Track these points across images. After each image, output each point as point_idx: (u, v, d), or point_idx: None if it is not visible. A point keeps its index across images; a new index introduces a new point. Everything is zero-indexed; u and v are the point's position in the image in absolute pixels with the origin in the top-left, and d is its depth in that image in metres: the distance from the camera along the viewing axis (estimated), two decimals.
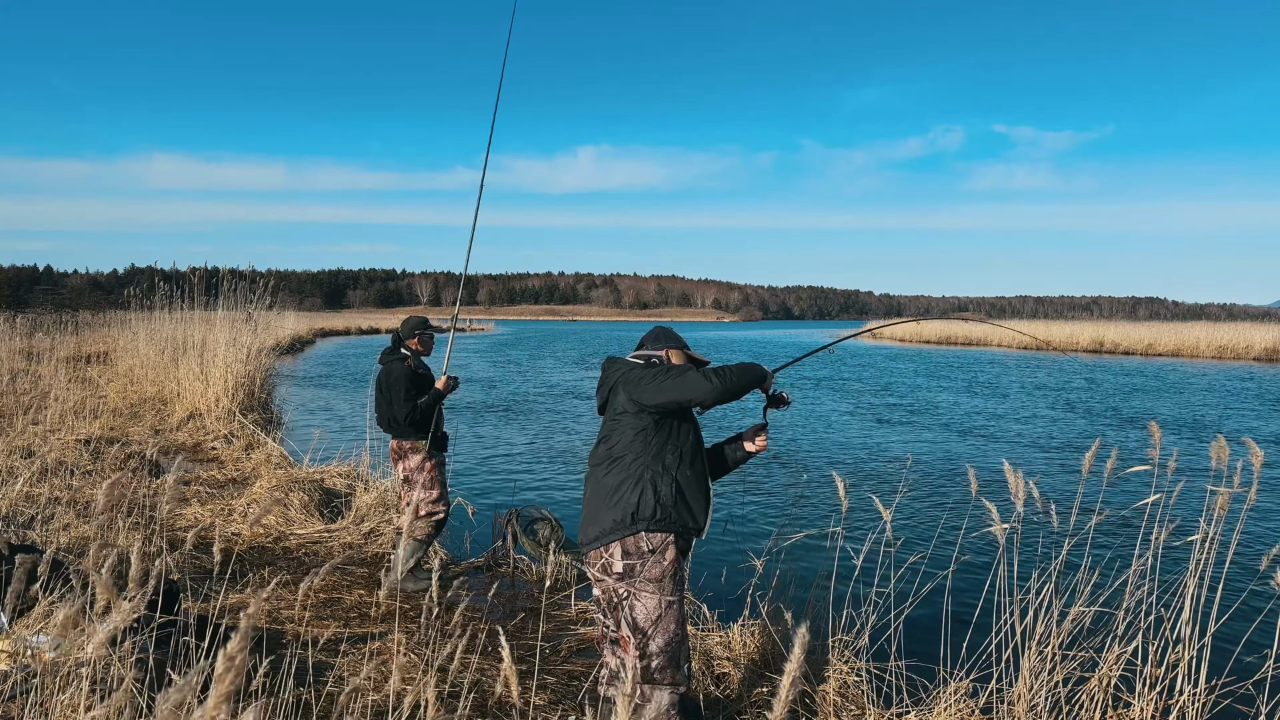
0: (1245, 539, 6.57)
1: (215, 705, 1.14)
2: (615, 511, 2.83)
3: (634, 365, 3.00)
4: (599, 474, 2.94)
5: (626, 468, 2.87)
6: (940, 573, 4.05)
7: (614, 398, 2.98)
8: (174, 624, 3.00)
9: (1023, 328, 47.05)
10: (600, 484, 2.92)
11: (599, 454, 2.98)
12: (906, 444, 12.30)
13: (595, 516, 2.90)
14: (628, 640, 2.82)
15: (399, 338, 5.23)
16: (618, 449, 2.91)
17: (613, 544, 2.83)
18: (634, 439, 2.89)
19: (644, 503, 2.82)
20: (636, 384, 2.88)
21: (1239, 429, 13.86)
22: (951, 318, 61.13)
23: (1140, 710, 3.16)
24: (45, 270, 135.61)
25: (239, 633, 1.17)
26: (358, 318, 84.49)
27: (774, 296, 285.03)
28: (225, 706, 1.14)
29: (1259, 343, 34.61)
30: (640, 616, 2.80)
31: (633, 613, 2.81)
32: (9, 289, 76.21)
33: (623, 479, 2.86)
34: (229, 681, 1.13)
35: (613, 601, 2.86)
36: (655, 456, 2.87)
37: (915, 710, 3.39)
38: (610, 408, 3.00)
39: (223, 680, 1.13)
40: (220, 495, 7.12)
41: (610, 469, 2.90)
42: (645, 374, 2.90)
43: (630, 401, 2.89)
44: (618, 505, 2.83)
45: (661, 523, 2.82)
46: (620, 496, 2.84)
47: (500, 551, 5.87)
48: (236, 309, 12.88)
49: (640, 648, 2.80)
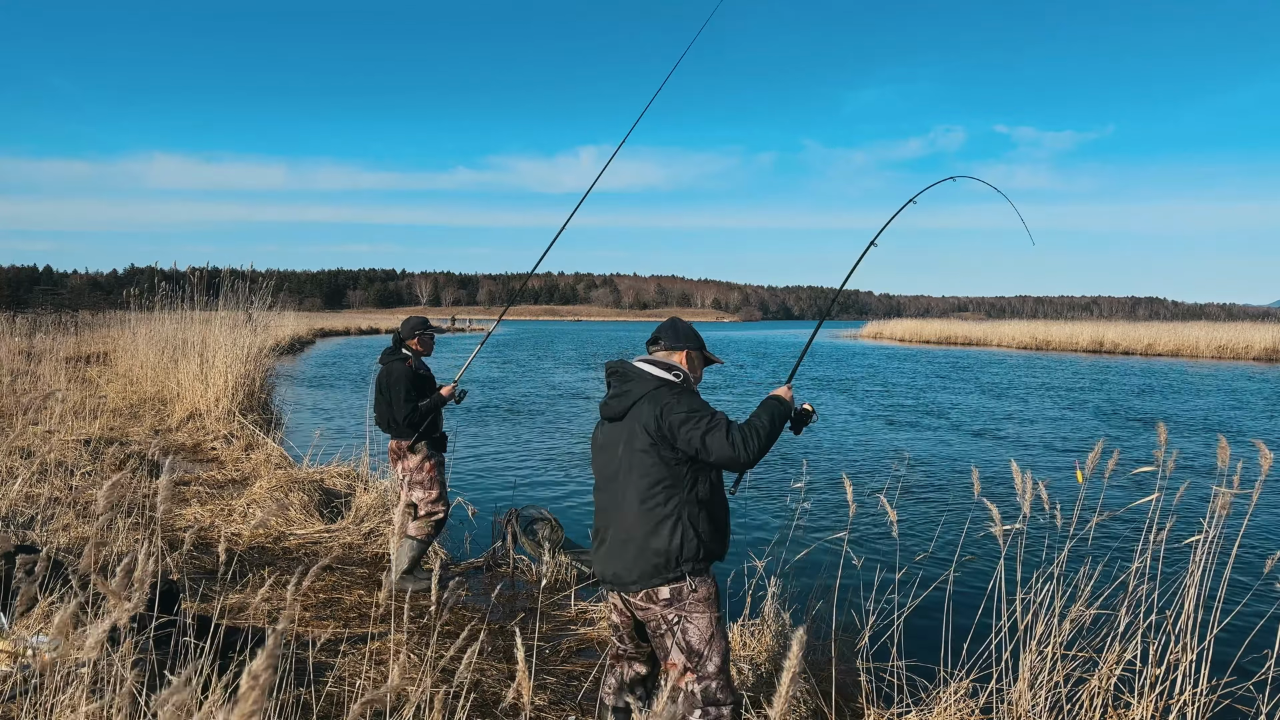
0: (1248, 539, 6.57)
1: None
2: (657, 558, 2.71)
3: (669, 392, 2.80)
4: (632, 501, 2.75)
5: (664, 504, 2.73)
6: (942, 573, 4.05)
7: (639, 418, 2.77)
8: (173, 624, 3.00)
9: (1021, 327, 47.06)
10: (635, 517, 2.74)
11: (633, 484, 2.76)
12: (908, 444, 12.29)
13: (636, 556, 2.74)
14: (676, 665, 2.73)
15: (400, 338, 5.23)
16: (652, 479, 2.74)
17: (658, 586, 2.74)
18: (669, 472, 2.74)
19: (686, 545, 2.71)
20: (680, 428, 2.70)
21: (1253, 430, 13.86)
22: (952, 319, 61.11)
23: (1141, 710, 3.15)
24: (45, 270, 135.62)
25: (265, 650, 1.10)
26: (357, 318, 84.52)
27: (774, 296, 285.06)
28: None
29: (1259, 343, 34.62)
30: (694, 639, 2.72)
31: (685, 636, 2.72)
32: (9, 289, 76.26)
33: (661, 518, 2.72)
34: (253, 700, 1.06)
35: (659, 629, 2.75)
36: (690, 490, 2.75)
37: (915, 710, 3.39)
38: (632, 426, 2.79)
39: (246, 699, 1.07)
40: (220, 495, 7.11)
41: (646, 502, 2.74)
42: (690, 420, 2.70)
43: (669, 432, 2.73)
44: (659, 551, 2.71)
45: (703, 561, 2.76)
46: (660, 538, 2.71)
47: (500, 552, 5.87)
48: (238, 309, 12.88)
49: (698, 670, 2.72)
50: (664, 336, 3.01)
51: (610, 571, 2.81)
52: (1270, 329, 37.97)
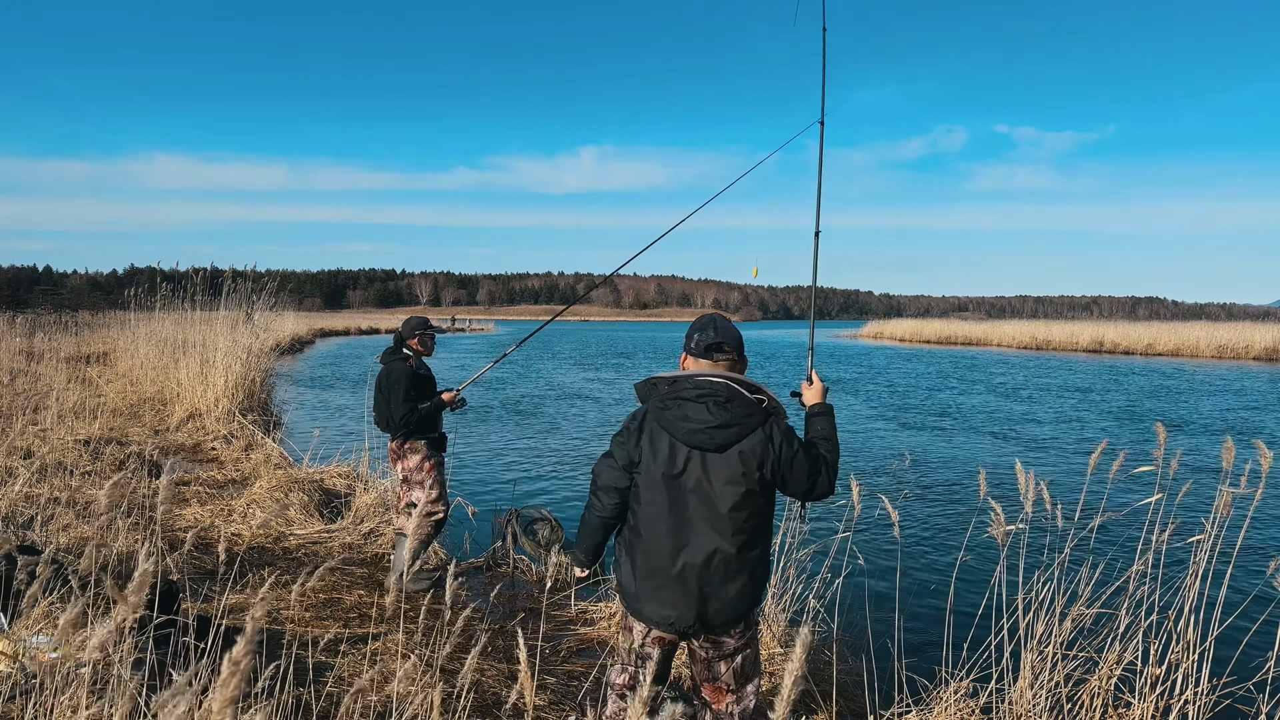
0: (1250, 540, 6.57)
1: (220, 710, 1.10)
2: (750, 598, 2.58)
3: (778, 425, 2.54)
4: (725, 538, 2.48)
5: (759, 540, 2.57)
6: (942, 573, 4.05)
7: (746, 451, 2.48)
8: (173, 624, 3.00)
9: (1021, 327, 47.04)
10: (733, 557, 2.50)
11: (728, 519, 2.48)
12: (909, 444, 12.29)
13: (737, 598, 2.54)
14: (722, 689, 2.65)
15: (400, 338, 5.24)
16: (748, 514, 2.50)
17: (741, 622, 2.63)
18: (764, 506, 2.55)
19: (767, 579, 2.69)
20: (792, 463, 2.52)
21: (1257, 430, 13.85)
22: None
23: (1141, 710, 3.15)
24: (45, 270, 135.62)
25: (244, 637, 1.13)
26: (357, 318, 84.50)
27: (774, 296, 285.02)
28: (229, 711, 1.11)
29: (1259, 343, 34.62)
30: (749, 665, 2.67)
31: (743, 663, 2.66)
32: (9, 289, 76.22)
33: (757, 555, 2.57)
34: (234, 686, 1.09)
35: (710, 656, 2.64)
36: (769, 521, 2.62)
37: (916, 710, 3.39)
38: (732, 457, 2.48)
39: (227, 685, 1.09)
40: (220, 496, 7.11)
41: (741, 536, 2.50)
42: (799, 457, 2.53)
43: (784, 468, 2.53)
44: (752, 591, 2.58)
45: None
46: (756, 577, 2.58)
47: (500, 552, 5.87)
48: (239, 309, 12.88)
49: (740, 692, 2.67)
50: (731, 344, 2.64)
51: (690, 616, 2.51)
52: (1270, 329, 37.96)
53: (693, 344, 2.65)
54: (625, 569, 2.62)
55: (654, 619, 2.56)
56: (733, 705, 2.67)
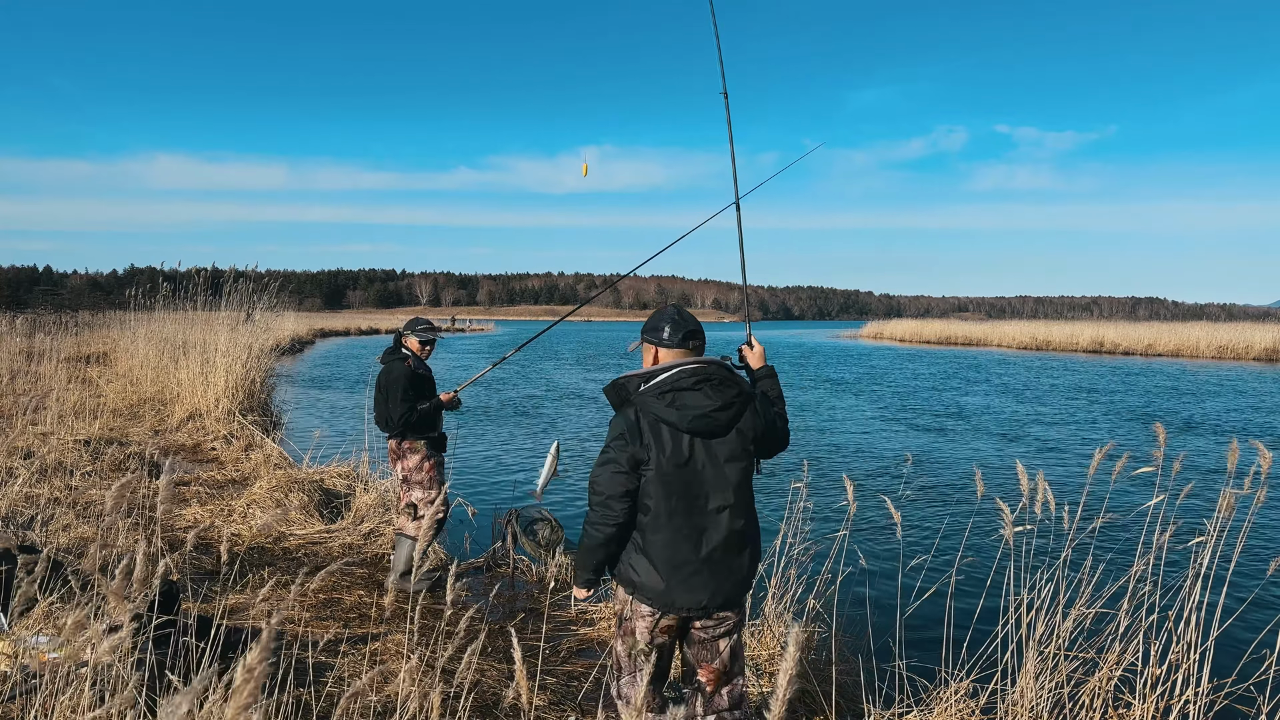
0: (1251, 540, 6.57)
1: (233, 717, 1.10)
2: (752, 571, 2.69)
3: (762, 401, 2.73)
4: (738, 517, 2.60)
5: (753, 512, 2.68)
6: (943, 573, 4.04)
7: (744, 428, 2.62)
8: (173, 624, 3.00)
9: (1022, 328, 47.06)
10: (740, 533, 2.61)
11: (736, 498, 2.59)
12: (910, 443, 12.29)
13: (748, 572, 2.66)
14: (718, 670, 2.68)
15: (400, 337, 5.24)
16: (748, 489, 2.65)
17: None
18: (751, 476, 2.69)
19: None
20: (774, 426, 2.72)
21: (1261, 432, 13.85)
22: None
23: (1141, 710, 3.15)
24: (45, 270, 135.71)
25: (259, 643, 1.12)
26: (357, 318, 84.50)
27: (774, 297, 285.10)
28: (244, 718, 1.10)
29: (1259, 343, 34.63)
30: (741, 643, 2.74)
31: (739, 641, 2.71)
32: (9, 289, 76.26)
33: (756, 527, 2.69)
34: (248, 693, 1.09)
35: (711, 635, 2.67)
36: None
37: (916, 710, 3.39)
38: (732, 436, 2.60)
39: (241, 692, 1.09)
40: (220, 496, 7.11)
41: (745, 513, 2.63)
42: (779, 420, 2.75)
43: (768, 434, 2.70)
44: (754, 564, 2.69)
45: None
46: (758, 549, 2.70)
47: (500, 552, 5.87)
48: (239, 309, 12.88)
49: (739, 671, 2.72)
50: (699, 336, 2.74)
51: (719, 596, 2.59)
52: (1270, 329, 37.99)
53: (665, 336, 2.68)
54: (643, 566, 2.59)
55: (685, 605, 2.58)
56: (724, 688, 2.70)
